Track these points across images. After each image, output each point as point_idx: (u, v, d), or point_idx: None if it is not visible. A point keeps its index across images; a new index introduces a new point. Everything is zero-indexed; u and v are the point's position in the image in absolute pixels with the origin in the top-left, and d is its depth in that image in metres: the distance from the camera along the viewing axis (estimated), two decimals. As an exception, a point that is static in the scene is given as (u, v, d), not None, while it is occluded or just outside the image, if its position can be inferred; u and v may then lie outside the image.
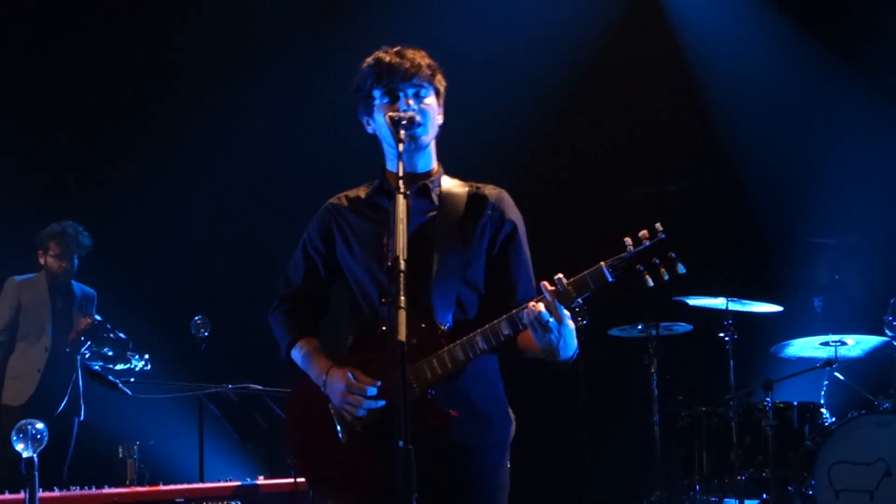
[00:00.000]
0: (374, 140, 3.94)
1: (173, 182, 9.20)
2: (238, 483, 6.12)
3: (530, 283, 3.79)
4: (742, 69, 8.88)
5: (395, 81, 3.75)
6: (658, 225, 3.43)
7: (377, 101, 3.79)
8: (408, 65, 3.77)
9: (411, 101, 3.75)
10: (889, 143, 8.44)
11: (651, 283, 3.42)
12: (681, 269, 3.41)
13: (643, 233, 3.44)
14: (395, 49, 3.83)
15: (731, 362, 7.51)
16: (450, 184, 3.89)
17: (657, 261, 3.41)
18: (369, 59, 3.84)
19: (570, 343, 3.53)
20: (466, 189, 3.88)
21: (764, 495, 7.31)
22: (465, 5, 9.01)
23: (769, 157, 8.79)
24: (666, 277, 3.42)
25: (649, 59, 9.09)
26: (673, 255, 3.41)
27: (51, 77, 9.03)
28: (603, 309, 7.33)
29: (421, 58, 3.82)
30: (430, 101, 3.81)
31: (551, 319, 3.44)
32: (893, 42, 8.31)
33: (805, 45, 8.76)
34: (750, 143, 8.81)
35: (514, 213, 3.87)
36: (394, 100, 3.76)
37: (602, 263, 3.45)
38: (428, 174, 3.87)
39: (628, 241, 3.45)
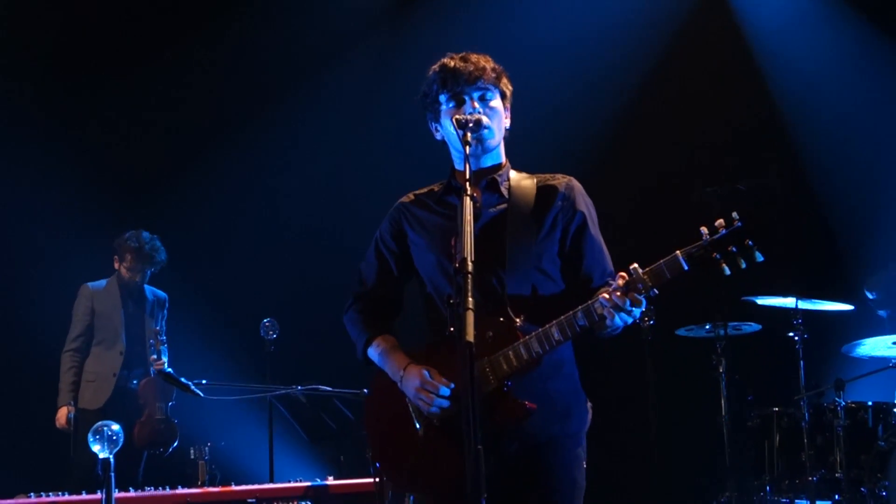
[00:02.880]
0: (444, 147, 3.98)
1: (245, 184, 9.30)
2: (308, 483, 6.18)
3: (605, 269, 3.81)
4: (813, 69, 8.75)
5: (461, 85, 3.80)
6: (735, 213, 3.41)
7: (443, 107, 3.85)
8: (472, 68, 3.81)
9: (476, 104, 3.79)
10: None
11: (728, 272, 3.39)
12: (758, 256, 3.38)
13: (719, 221, 3.41)
14: (461, 55, 3.88)
15: (802, 362, 7.42)
16: (518, 177, 3.92)
17: (734, 249, 3.38)
18: (435, 66, 3.89)
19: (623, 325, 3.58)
20: (535, 181, 3.91)
21: (836, 496, 7.21)
22: (539, 9, 9.00)
23: (841, 154, 8.66)
24: (743, 265, 3.39)
25: (721, 61, 9.01)
26: (750, 242, 3.37)
27: (122, 83, 9.15)
28: (670, 309, 7.32)
29: (486, 61, 3.86)
30: (496, 103, 3.85)
31: (628, 308, 3.44)
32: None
33: (878, 44, 8.62)
34: (822, 142, 8.69)
35: (583, 202, 3.88)
36: (459, 104, 3.81)
37: (678, 252, 3.45)
38: (496, 168, 3.90)
39: (704, 230, 3.43)
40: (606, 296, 3.45)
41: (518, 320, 3.65)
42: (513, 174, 3.93)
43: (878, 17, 8.61)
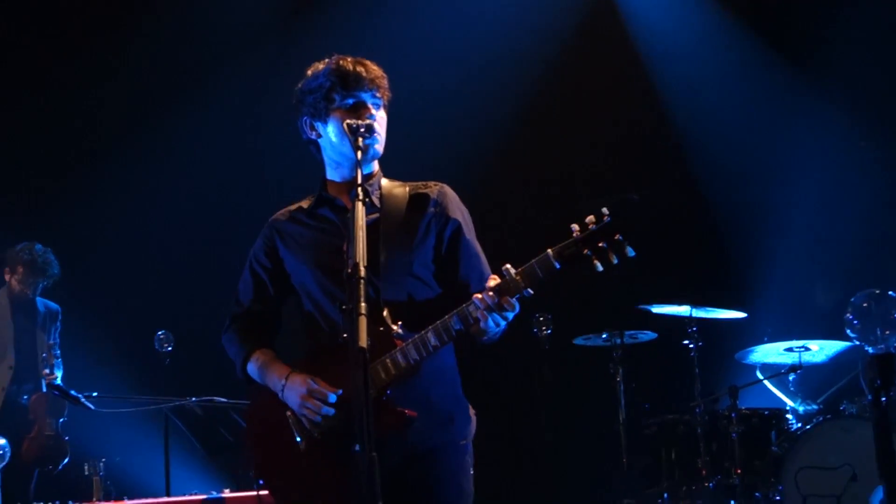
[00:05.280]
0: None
1: (134, 196, 9.14)
2: (204, 496, 6.10)
3: (483, 274, 3.79)
4: (700, 79, 8.90)
5: (360, 89, 3.75)
6: (604, 209, 3.40)
7: (336, 105, 3.76)
8: (373, 75, 3.78)
9: (373, 111, 3.75)
10: (835, 144, 8.51)
11: (600, 268, 3.38)
12: (630, 251, 3.37)
13: (589, 218, 3.40)
14: (354, 58, 3.82)
15: (697, 369, 7.52)
16: (390, 185, 3.90)
17: (604, 245, 3.37)
18: (330, 64, 3.81)
19: (503, 329, 3.56)
20: (407, 189, 3.89)
21: (732, 502, 7.32)
22: (431, 15, 9.00)
23: (731, 165, 8.81)
24: (615, 261, 3.38)
25: (610, 70, 9.10)
26: (620, 237, 3.36)
27: (6, 95, 8.96)
28: (567, 318, 7.37)
29: (379, 69, 3.83)
30: (383, 113, 3.82)
31: (500, 309, 3.43)
32: (843, 50, 8.36)
33: (762, 55, 8.81)
34: (710, 151, 8.84)
35: (456, 208, 3.88)
36: (356, 108, 3.73)
37: (549, 251, 3.43)
38: (368, 177, 3.85)
39: (575, 227, 3.42)
40: (479, 296, 3.44)
41: (395, 327, 3.63)
42: (384, 182, 3.90)
43: (765, 31, 8.80)
